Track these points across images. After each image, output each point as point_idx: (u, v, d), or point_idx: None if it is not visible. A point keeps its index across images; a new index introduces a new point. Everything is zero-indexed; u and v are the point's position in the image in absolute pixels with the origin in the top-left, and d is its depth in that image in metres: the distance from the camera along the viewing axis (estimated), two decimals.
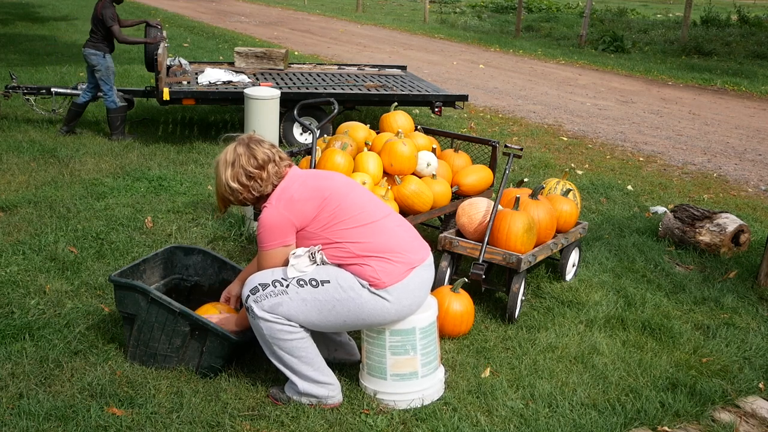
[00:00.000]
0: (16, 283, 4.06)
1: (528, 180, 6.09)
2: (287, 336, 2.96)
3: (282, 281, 2.95)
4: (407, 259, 3.00)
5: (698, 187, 6.84)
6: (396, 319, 3.02)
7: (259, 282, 2.98)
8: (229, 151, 3.07)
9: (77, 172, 6.17)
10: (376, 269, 2.93)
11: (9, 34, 14.69)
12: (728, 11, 21.18)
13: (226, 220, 5.14)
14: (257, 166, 3.02)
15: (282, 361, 3.01)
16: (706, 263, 4.91)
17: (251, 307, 2.96)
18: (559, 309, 4.12)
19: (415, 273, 3.01)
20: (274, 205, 3.00)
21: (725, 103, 11.28)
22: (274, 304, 2.93)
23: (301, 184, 3.05)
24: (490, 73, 13.33)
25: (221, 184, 3.08)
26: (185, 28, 17.35)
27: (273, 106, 4.83)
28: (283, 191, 3.03)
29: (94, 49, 7.08)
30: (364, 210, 3.03)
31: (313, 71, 8.66)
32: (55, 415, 2.93)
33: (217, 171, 3.09)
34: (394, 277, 2.95)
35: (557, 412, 3.15)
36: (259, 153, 3.04)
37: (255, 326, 2.99)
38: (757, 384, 3.46)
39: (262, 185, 3.04)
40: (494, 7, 26.01)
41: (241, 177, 3.02)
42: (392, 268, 2.95)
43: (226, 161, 3.06)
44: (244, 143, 3.07)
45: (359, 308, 2.94)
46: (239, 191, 3.05)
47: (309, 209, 2.98)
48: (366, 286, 2.93)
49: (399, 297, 2.96)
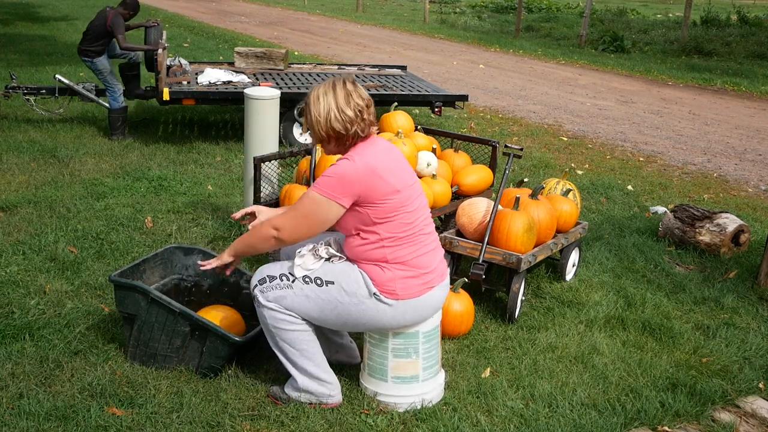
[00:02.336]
0: (16, 283, 4.06)
1: (528, 180, 6.09)
2: (289, 327, 2.97)
3: (289, 276, 2.96)
4: (429, 278, 2.99)
5: (698, 187, 6.84)
6: (394, 328, 3.01)
7: (268, 274, 2.99)
8: (339, 84, 2.91)
9: (77, 172, 6.17)
10: (396, 279, 2.91)
11: (9, 34, 14.69)
12: (728, 11, 21.17)
13: (226, 220, 5.14)
14: (366, 103, 2.92)
15: (284, 353, 3.03)
16: (706, 263, 4.91)
17: (257, 296, 2.99)
18: (559, 309, 4.12)
19: (430, 293, 2.99)
20: (355, 161, 2.86)
21: (725, 103, 11.28)
22: (278, 296, 2.95)
23: (389, 161, 2.93)
24: (490, 73, 13.33)
25: (333, 114, 2.87)
26: (185, 28, 17.35)
27: (273, 106, 4.83)
28: (368, 156, 2.89)
29: (84, 56, 7.25)
30: (420, 220, 2.99)
31: (313, 71, 8.66)
32: (55, 415, 2.93)
33: (324, 102, 2.89)
34: (409, 292, 2.93)
35: (557, 412, 3.15)
36: (363, 92, 2.95)
37: (259, 314, 3.02)
38: (757, 384, 3.46)
39: (363, 126, 2.91)
40: (494, 7, 26.01)
41: (354, 107, 2.88)
42: (412, 283, 2.94)
43: (337, 92, 2.89)
44: (350, 81, 2.94)
45: (360, 314, 2.94)
46: (352, 121, 2.88)
47: (381, 191, 2.86)
48: (374, 291, 2.91)
49: (404, 311, 2.95)
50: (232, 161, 6.82)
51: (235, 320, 3.42)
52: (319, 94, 2.90)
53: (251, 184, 4.73)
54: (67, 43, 13.70)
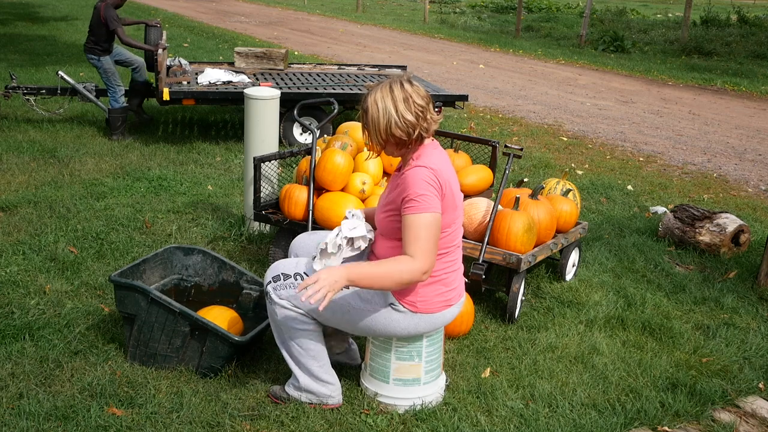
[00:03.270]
0: (16, 283, 4.06)
1: (528, 180, 6.09)
2: (299, 326, 2.96)
3: (304, 276, 2.95)
4: (450, 296, 2.97)
5: (698, 187, 6.84)
6: (404, 336, 2.99)
7: (282, 272, 2.98)
8: (396, 87, 2.77)
9: (77, 172, 6.17)
10: (418, 292, 2.88)
11: (9, 34, 14.68)
12: (728, 11, 21.17)
13: (226, 220, 5.14)
14: (426, 102, 2.79)
15: (289, 350, 3.02)
16: (706, 263, 4.91)
17: (269, 292, 2.97)
18: (559, 309, 4.12)
19: (448, 310, 2.98)
20: (432, 168, 2.76)
21: (725, 103, 11.28)
22: (292, 295, 2.94)
23: (452, 174, 2.86)
24: (490, 73, 13.33)
25: (393, 120, 2.74)
26: (185, 28, 17.35)
27: (273, 106, 4.83)
28: (439, 164, 2.79)
29: (90, 54, 7.28)
30: (459, 238, 2.96)
31: (313, 71, 8.66)
32: (55, 415, 2.93)
33: (383, 108, 2.75)
34: (428, 306, 2.90)
35: (557, 412, 3.15)
36: (422, 91, 2.81)
37: (270, 311, 3.01)
38: (757, 384, 3.46)
39: (429, 125, 2.81)
40: (494, 7, 26.01)
41: (414, 111, 2.76)
42: (434, 299, 2.91)
43: (396, 96, 2.75)
44: (407, 81, 2.81)
45: (372, 321, 2.91)
46: (413, 125, 2.76)
47: (447, 204, 2.80)
48: (390, 302, 2.88)
49: (417, 323, 2.93)
50: (232, 161, 6.82)
51: (234, 320, 3.42)
52: (377, 99, 2.76)
53: (251, 184, 4.73)
54: (67, 43, 13.70)
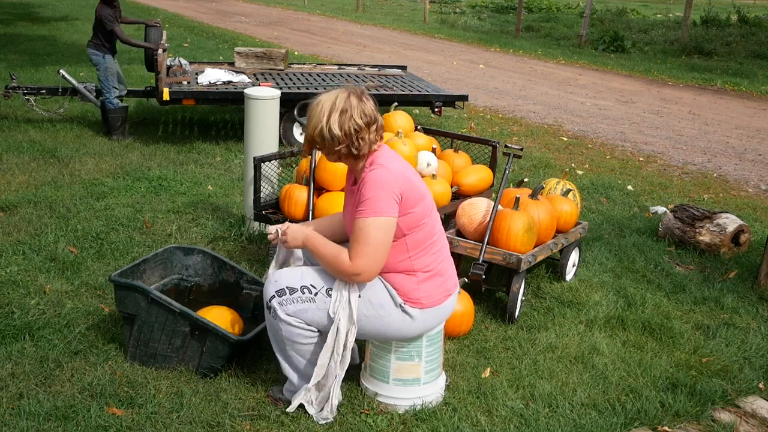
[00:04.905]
0: (16, 283, 4.05)
1: (528, 180, 6.08)
2: (304, 340, 2.91)
3: (311, 288, 2.86)
4: (448, 285, 2.99)
5: (698, 187, 6.84)
6: (413, 337, 3.00)
7: (287, 285, 2.87)
8: (341, 97, 2.79)
9: (77, 172, 6.17)
10: (420, 289, 2.89)
11: (9, 34, 14.68)
12: (728, 11, 21.17)
13: (226, 220, 5.14)
14: (366, 122, 2.79)
15: (289, 361, 2.99)
16: (706, 263, 4.91)
17: (275, 308, 2.87)
18: (559, 309, 4.12)
19: (449, 300, 3.00)
20: (387, 167, 2.76)
21: (725, 103, 11.28)
22: (299, 310, 2.86)
23: (407, 167, 2.85)
24: (490, 73, 13.33)
25: (320, 127, 2.78)
26: (185, 28, 17.35)
27: (273, 106, 4.83)
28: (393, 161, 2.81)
29: (94, 49, 7.24)
30: (439, 226, 2.97)
31: (313, 71, 8.66)
32: (55, 415, 2.93)
33: (319, 112, 2.79)
34: (432, 300, 2.92)
35: (557, 412, 3.15)
36: (368, 109, 2.81)
37: (273, 326, 2.92)
38: (757, 384, 3.46)
39: (362, 145, 2.80)
40: (494, 7, 26.01)
41: (347, 127, 2.77)
42: (434, 291, 2.93)
43: (335, 106, 2.77)
44: (357, 95, 2.81)
45: (385, 326, 2.90)
46: (339, 140, 2.77)
47: (414, 195, 2.80)
48: (400, 303, 2.88)
49: (426, 319, 2.93)
50: (232, 161, 6.82)
51: (234, 320, 3.42)
52: (321, 101, 2.81)
53: (251, 184, 4.73)
54: (67, 43, 13.71)
